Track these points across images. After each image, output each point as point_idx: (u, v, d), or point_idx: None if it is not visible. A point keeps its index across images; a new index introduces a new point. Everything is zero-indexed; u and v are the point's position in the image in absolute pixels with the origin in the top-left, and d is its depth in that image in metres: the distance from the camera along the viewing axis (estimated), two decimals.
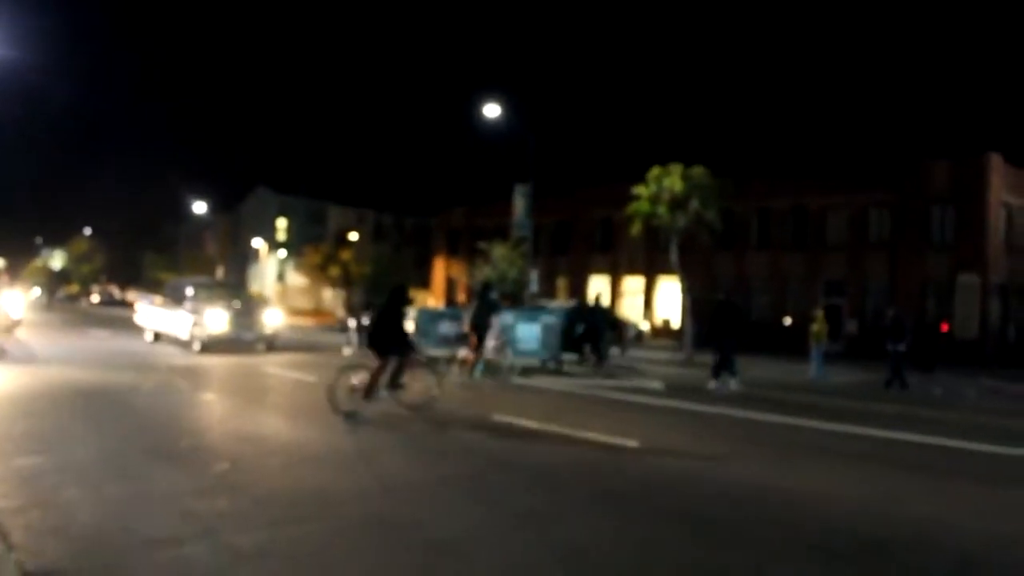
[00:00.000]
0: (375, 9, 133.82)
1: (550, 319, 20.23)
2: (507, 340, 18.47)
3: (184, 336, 22.43)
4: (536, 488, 7.52)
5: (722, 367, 16.55)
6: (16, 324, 23.54)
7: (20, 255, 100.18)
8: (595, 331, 21.08)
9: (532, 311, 22.87)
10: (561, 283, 48.39)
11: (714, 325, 17.08)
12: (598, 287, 46.79)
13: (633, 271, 44.87)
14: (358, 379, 11.54)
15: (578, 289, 46.22)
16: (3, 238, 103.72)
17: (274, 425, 11.28)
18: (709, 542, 6.02)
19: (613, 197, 34.05)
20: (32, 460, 8.06)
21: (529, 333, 19.77)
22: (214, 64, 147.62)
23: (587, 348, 20.87)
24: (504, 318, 19.17)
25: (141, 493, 6.95)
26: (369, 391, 11.41)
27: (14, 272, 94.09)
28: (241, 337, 21.89)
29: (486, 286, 19.20)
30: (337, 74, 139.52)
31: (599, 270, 46.92)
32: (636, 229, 26.89)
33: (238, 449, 9.18)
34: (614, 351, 22.74)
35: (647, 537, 6.10)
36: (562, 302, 35.58)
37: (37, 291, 47.27)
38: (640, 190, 25.87)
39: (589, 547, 5.81)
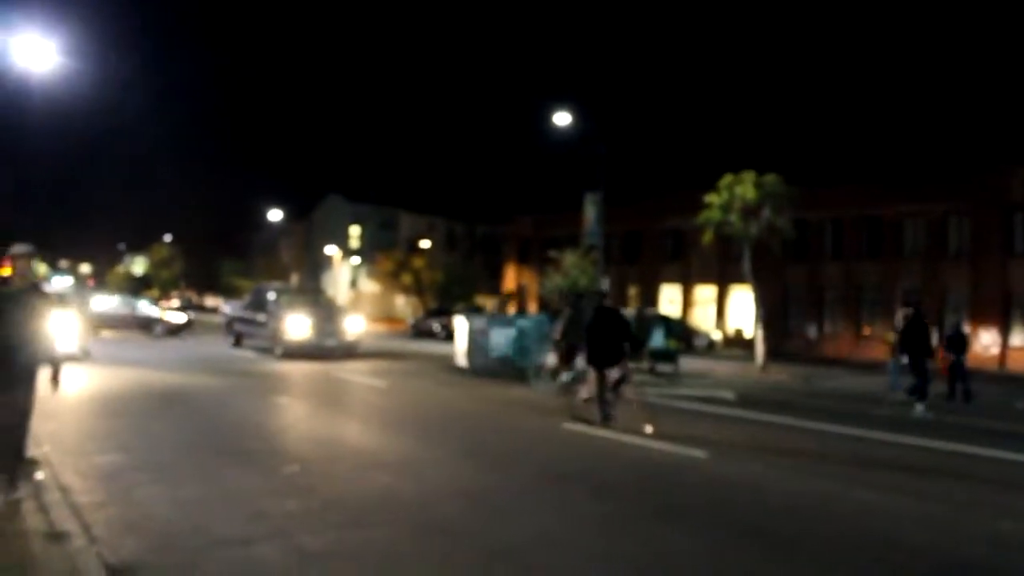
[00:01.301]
0: (447, 17, 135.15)
1: (526, 324, 19.70)
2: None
3: (266, 341, 22.74)
4: (601, 498, 7.49)
5: (924, 386, 15.13)
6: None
7: (104, 261, 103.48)
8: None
9: (508, 316, 22.55)
10: (632, 292, 48.12)
11: (907, 339, 15.55)
12: (669, 296, 46.51)
13: (705, 280, 44.38)
14: (586, 392, 11.78)
15: (650, 298, 45.92)
16: (88, 245, 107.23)
17: (345, 430, 11.45)
18: (774, 556, 5.92)
19: (684, 205, 33.68)
20: (112, 458, 8.34)
21: (502, 338, 19.12)
22: (287, 75, 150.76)
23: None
24: (476, 322, 19.01)
25: (214, 493, 7.12)
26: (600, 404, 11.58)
27: (99, 278, 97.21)
28: (323, 343, 21.72)
29: (579, 296, 19.01)
30: (410, 82, 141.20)
31: (670, 279, 46.54)
32: (708, 238, 26.59)
33: (309, 452, 9.34)
34: (665, 367, 21.97)
35: (713, 550, 6.02)
36: (632, 312, 35.42)
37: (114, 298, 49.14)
38: (712, 198, 25.56)
39: (653, 560, 5.77)
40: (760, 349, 25.26)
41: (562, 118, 29.30)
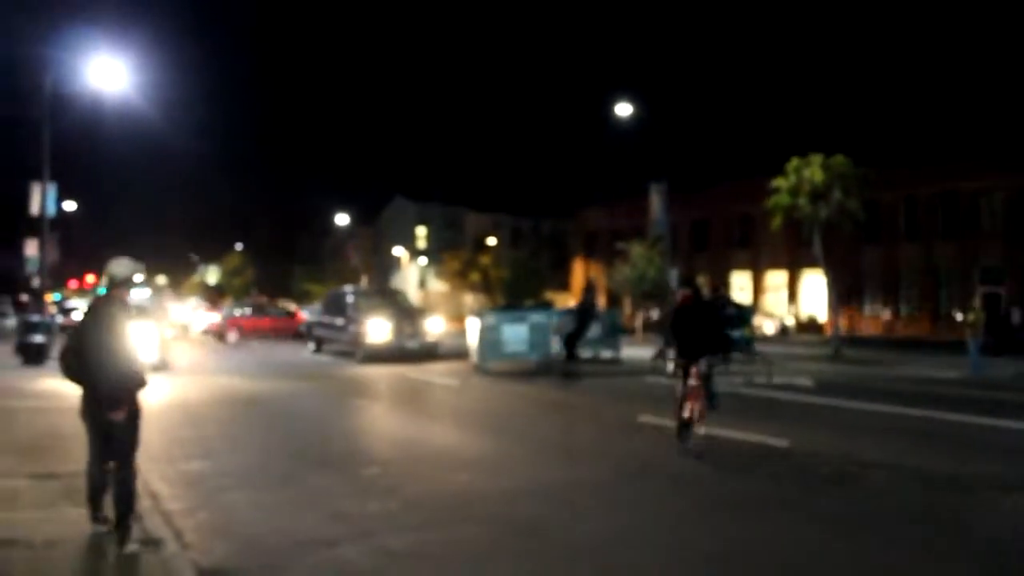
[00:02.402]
0: (506, 13, 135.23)
1: (538, 318, 19.47)
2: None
3: (346, 346, 22.79)
4: (681, 491, 7.44)
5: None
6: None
7: (179, 272, 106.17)
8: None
9: (520, 311, 22.18)
10: (702, 280, 47.57)
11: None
12: (740, 283, 45.89)
13: (775, 266, 43.69)
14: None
15: (720, 287, 45.32)
16: (163, 257, 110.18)
17: (423, 430, 11.58)
18: (862, 546, 5.81)
19: (752, 191, 33.21)
20: (198, 465, 8.58)
21: (516, 335, 18.82)
22: (350, 80, 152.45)
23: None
24: (487, 319, 18.78)
25: (297, 496, 7.27)
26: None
27: (174, 288, 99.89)
28: (404, 345, 21.45)
29: (589, 290, 18.99)
30: (472, 81, 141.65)
31: (740, 266, 45.94)
32: (777, 223, 26.15)
33: (389, 453, 9.49)
34: (740, 356, 21.55)
35: (798, 542, 5.95)
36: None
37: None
38: (779, 182, 25.14)
39: (736, 552, 5.71)
40: (835, 334, 24.79)
41: (624, 108, 29.25)
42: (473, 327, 18.23)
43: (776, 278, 44.04)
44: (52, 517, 6.31)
